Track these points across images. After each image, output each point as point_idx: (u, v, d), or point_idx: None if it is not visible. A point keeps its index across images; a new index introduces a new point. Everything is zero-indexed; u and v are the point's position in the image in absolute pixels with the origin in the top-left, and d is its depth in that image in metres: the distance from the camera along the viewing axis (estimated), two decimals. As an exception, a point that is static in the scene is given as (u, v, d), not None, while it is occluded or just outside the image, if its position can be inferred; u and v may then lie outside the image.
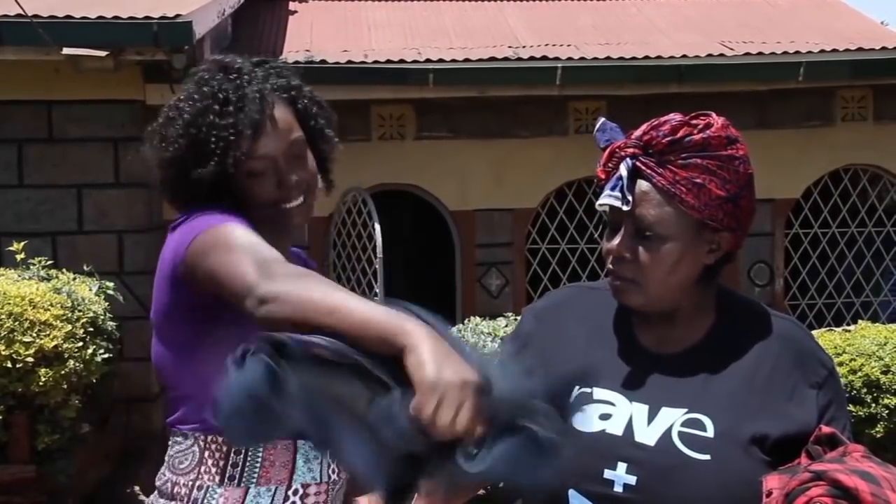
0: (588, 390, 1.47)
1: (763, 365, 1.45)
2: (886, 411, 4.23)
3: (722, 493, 1.36)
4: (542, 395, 1.14)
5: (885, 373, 4.28)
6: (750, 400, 1.43)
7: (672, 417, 1.43)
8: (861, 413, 4.24)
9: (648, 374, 1.48)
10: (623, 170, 1.42)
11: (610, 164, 1.46)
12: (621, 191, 1.42)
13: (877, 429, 4.25)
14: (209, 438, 1.61)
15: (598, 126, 1.51)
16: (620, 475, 1.40)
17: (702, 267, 1.46)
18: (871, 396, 4.25)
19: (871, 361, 4.30)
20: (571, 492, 1.42)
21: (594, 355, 1.51)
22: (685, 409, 1.43)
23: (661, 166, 1.42)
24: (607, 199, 1.42)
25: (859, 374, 4.26)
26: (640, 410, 1.44)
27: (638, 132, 1.46)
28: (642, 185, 1.43)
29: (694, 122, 1.45)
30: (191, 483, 1.61)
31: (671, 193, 1.41)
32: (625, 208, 1.41)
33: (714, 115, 1.47)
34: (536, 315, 1.64)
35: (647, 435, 1.42)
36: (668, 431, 1.41)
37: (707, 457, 1.38)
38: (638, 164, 1.43)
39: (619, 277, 1.47)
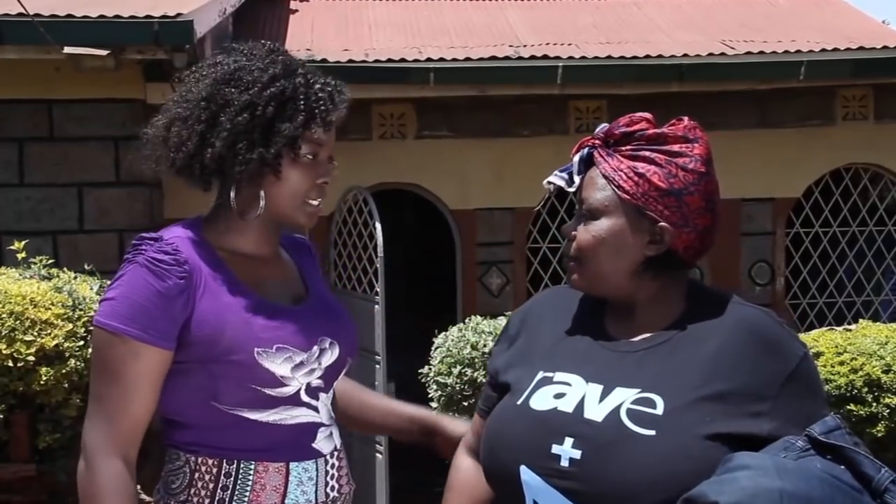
0: (550, 374, 1.52)
1: (724, 352, 1.45)
2: (887, 410, 4.23)
3: (663, 468, 1.36)
4: None
5: (886, 372, 4.28)
6: (707, 384, 1.42)
7: (624, 396, 1.44)
8: (862, 412, 4.24)
9: (610, 358, 1.51)
10: (576, 157, 1.56)
11: (575, 155, 1.57)
12: (569, 173, 1.55)
13: (878, 428, 4.25)
14: (199, 460, 1.59)
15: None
16: (567, 450, 1.41)
17: (643, 257, 1.51)
18: (871, 396, 4.25)
19: (872, 361, 4.29)
20: (522, 468, 1.44)
21: (563, 345, 1.56)
22: (639, 389, 1.44)
23: (610, 155, 1.52)
24: (554, 177, 1.57)
25: (860, 373, 4.26)
26: (594, 390, 1.46)
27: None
28: (591, 171, 1.54)
29: (657, 122, 1.53)
30: None
31: (610, 178, 1.50)
32: (569, 189, 1.55)
33: (687, 119, 1.53)
34: (521, 317, 1.69)
35: (597, 412, 1.43)
36: (618, 408, 1.43)
37: (652, 432, 1.39)
38: (595, 153, 1.54)
39: (567, 257, 1.57)
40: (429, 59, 6.04)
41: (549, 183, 1.57)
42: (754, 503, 1.22)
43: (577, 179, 1.54)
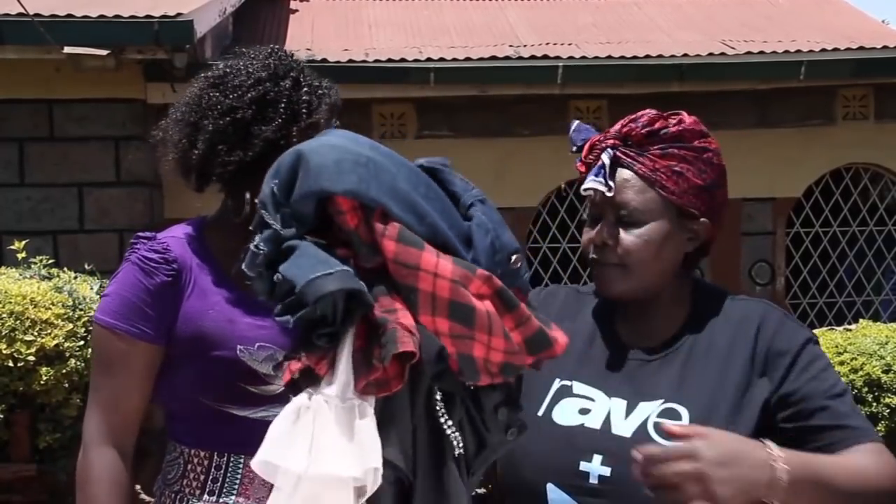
0: (569, 383, 1.50)
1: (737, 349, 1.47)
2: (888, 410, 4.23)
3: None
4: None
5: (886, 372, 4.28)
6: (725, 385, 1.44)
7: (649, 409, 1.44)
8: (862, 412, 4.24)
9: (627, 368, 1.50)
10: (605, 158, 1.48)
11: (591, 157, 1.51)
12: (604, 177, 1.47)
13: (878, 428, 4.25)
14: (192, 452, 1.63)
15: (573, 128, 1.56)
16: (595, 467, 1.40)
17: (683, 255, 1.52)
18: (872, 396, 4.25)
19: (873, 361, 4.29)
20: (549, 486, 1.43)
21: (575, 349, 1.52)
22: (662, 400, 1.44)
23: (641, 155, 1.48)
24: (592, 183, 1.47)
25: (860, 373, 4.26)
26: (618, 405, 1.46)
27: (616, 126, 1.52)
28: (623, 173, 1.49)
29: (669, 117, 1.51)
30: (174, 494, 1.64)
31: (652, 179, 1.47)
32: (608, 193, 1.46)
33: (685, 113, 1.53)
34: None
35: (624, 427, 1.43)
36: (644, 423, 1.43)
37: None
38: (618, 153, 1.49)
39: (605, 264, 1.50)
40: (429, 59, 6.04)
41: (587, 190, 1.48)
42: (320, 152, 1.17)
43: (611, 182, 1.47)
